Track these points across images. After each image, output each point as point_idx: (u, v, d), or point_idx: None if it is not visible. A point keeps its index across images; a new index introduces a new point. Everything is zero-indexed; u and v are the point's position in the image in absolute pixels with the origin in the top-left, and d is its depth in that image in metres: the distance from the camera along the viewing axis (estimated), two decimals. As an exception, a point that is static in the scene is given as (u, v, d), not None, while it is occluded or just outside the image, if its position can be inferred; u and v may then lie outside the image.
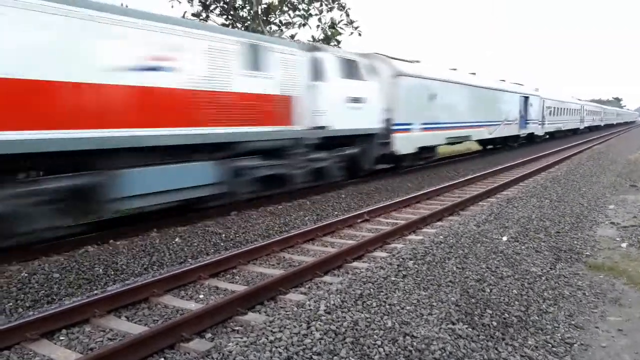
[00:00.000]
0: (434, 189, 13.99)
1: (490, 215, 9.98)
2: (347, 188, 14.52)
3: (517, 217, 10.00)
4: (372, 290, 5.85)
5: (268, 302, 5.92)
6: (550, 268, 7.50)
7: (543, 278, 7.06)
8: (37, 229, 7.42)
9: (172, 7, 22.37)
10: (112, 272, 7.37)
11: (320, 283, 6.52)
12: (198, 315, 5.18)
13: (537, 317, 5.88)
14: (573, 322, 5.86)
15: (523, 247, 8.22)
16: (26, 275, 7.00)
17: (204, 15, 22.39)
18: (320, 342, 4.61)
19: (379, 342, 4.73)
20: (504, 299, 6.13)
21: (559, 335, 5.54)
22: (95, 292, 6.54)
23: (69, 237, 8.58)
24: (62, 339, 5.09)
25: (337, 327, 4.88)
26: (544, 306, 6.21)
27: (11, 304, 6.25)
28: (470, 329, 5.23)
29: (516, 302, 6.13)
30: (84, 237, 8.62)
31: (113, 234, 8.94)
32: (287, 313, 5.15)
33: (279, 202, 12.03)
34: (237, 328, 5.23)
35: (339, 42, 24.54)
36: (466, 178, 16.28)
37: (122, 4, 16.20)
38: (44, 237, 7.78)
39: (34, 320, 5.14)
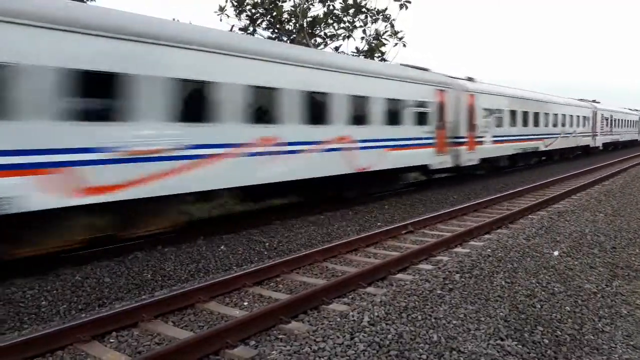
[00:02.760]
0: (481, 201, 13.64)
1: (541, 229, 9.63)
2: (390, 199, 14.38)
3: (569, 232, 9.60)
4: (417, 303, 5.74)
5: (311, 311, 5.90)
6: (606, 285, 7.15)
7: (598, 295, 6.74)
8: None
9: (221, 20, 22.89)
10: (160, 278, 7.56)
11: (363, 294, 6.46)
12: (242, 322, 5.22)
13: (592, 336, 5.60)
14: (632, 343, 5.56)
15: (576, 262, 7.88)
16: (79, 279, 7.28)
17: (251, 29, 22.89)
18: (364, 353, 4.55)
19: (424, 356, 4.63)
20: (556, 316, 5.88)
21: (616, 356, 5.26)
22: (144, 296, 6.71)
23: (118, 244, 8.88)
24: (112, 342, 5.24)
25: (381, 339, 4.81)
26: (599, 325, 5.91)
27: (65, 306, 6.50)
28: (520, 346, 5.04)
29: (569, 320, 5.86)
30: (133, 243, 8.87)
31: (161, 240, 9.17)
32: (331, 323, 5.12)
33: (321, 212, 12.03)
34: (280, 336, 5.23)
35: (382, 53, 24.52)
36: (515, 190, 15.80)
37: (173, 18, 16.76)
38: None
39: (86, 322, 5.32)
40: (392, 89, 13.97)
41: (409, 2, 23.05)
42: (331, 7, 23.46)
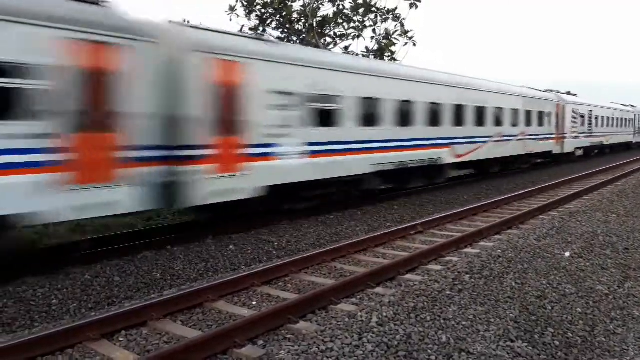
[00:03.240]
0: (492, 201, 13.54)
1: (552, 230, 9.53)
2: (400, 199, 14.33)
3: (580, 232, 9.50)
4: (426, 303, 5.70)
5: (319, 311, 5.89)
6: (618, 286, 7.06)
7: (610, 297, 6.66)
8: None
9: (231, 20, 22.94)
10: (169, 277, 7.58)
11: (372, 294, 6.42)
12: (251, 322, 5.22)
13: (603, 338, 5.54)
14: (644, 345, 5.48)
15: (587, 263, 7.79)
16: (89, 278, 7.32)
17: (260, 29, 22.91)
18: (372, 354, 4.53)
19: (433, 357, 4.60)
20: (567, 318, 5.81)
21: (628, 358, 5.21)
22: (153, 296, 6.74)
23: (128, 243, 8.94)
24: (121, 340, 5.26)
25: (389, 340, 4.78)
26: (611, 327, 5.85)
27: (75, 304, 6.54)
28: (530, 348, 4.99)
29: (580, 322, 5.80)
30: (142, 243, 8.91)
31: (170, 239, 9.21)
32: (339, 323, 5.10)
33: (330, 212, 12.02)
34: (288, 336, 5.22)
35: (392, 52, 24.44)
36: (526, 190, 15.67)
37: (185, 20, 16.85)
38: None
39: (96, 321, 5.35)
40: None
41: (419, 1, 22.96)
42: (341, 7, 23.43)
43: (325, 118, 11.62)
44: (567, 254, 8.06)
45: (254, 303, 6.34)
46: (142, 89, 8.02)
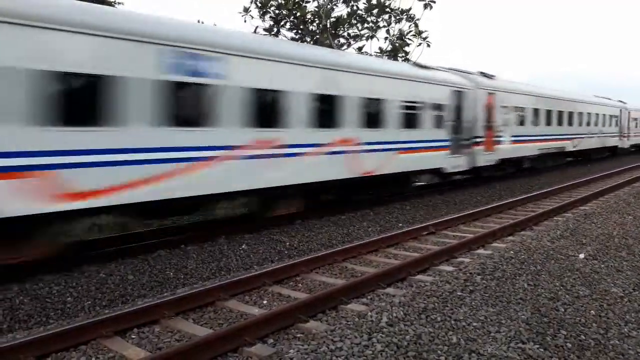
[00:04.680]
0: (506, 202, 13.44)
1: (566, 231, 9.43)
2: (412, 200, 14.27)
3: (595, 234, 9.38)
4: (436, 304, 5.69)
5: (329, 311, 5.91)
6: (634, 289, 6.95)
7: (625, 299, 6.56)
8: None
9: (245, 21, 23.07)
10: (182, 276, 7.66)
11: (382, 295, 6.43)
12: (261, 320, 5.26)
13: (617, 341, 5.46)
14: (659, 349, 5.39)
15: (602, 265, 7.69)
16: (103, 276, 7.43)
17: (275, 30, 23.01)
18: (381, 354, 4.53)
19: (442, 358, 4.58)
20: (580, 320, 5.74)
21: (642, 362, 5.12)
22: (166, 294, 6.81)
23: (142, 242, 9.04)
24: (134, 338, 5.34)
25: (399, 340, 4.78)
26: (625, 330, 5.75)
27: (90, 302, 6.64)
28: (541, 350, 4.94)
29: (594, 324, 5.72)
30: (157, 242, 9.01)
31: (184, 239, 9.29)
32: (349, 323, 5.11)
33: (342, 212, 12.02)
34: (298, 335, 5.25)
35: (406, 53, 24.37)
36: (541, 192, 15.51)
37: (199, 21, 17.00)
38: None
39: (109, 318, 5.43)
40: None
41: (434, 2, 22.87)
42: (355, 8, 23.43)
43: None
44: (582, 256, 7.97)
45: (265, 302, 6.38)
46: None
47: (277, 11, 22.79)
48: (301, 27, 23.29)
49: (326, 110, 11.09)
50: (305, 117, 10.65)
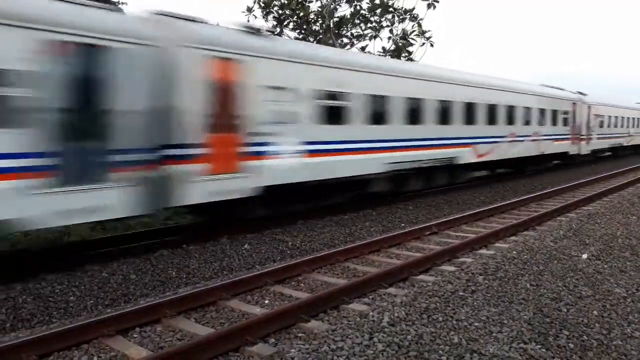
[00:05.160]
0: (509, 202, 13.41)
1: (569, 231, 9.40)
2: (415, 200, 14.26)
3: (599, 234, 9.35)
4: (438, 304, 5.68)
5: (331, 310, 5.90)
6: (637, 289, 6.92)
7: (628, 300, 6.53)
8: None
9: (248, 21, 23.11)
10: (184, 275, 7.67)
11: (384, 294, 6.42)
12: (262, 320, 5.26)
13: (620, 342, 5.43)
14: (662, 349, 5.36)
15: (605, 266, 7.66)
16: (106, 275, 7.45)
17: (278, 30, 23.02)
18: (382, 354, 4.53)
19: (444, 358, 4.58)
20: (582, 320, 5.73)
21: (645, 362, 5.09)
22: (168, 293, 6.82)
23: (145, 241, 9.06)
24: (136, 337, 5.35)
25: (400, 340, 4.77)
26: (628, 330, 5.73)
27: (92, 301, 6.66)
28: (543, 350, 4.93)
29: (597, 325, 5.70)
30: (159, 241, 9.03)
31: (186, 238, 9.31)
32: (350, 323, 5.11)
33: (345, 212, 12.02)
34: (300, 335, 5.25)
35: (410, 53, 24.34)
36: (544, 192, 15.47)
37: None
38: None
39: (111, 317, 5.44)
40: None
41: (437, 2, 22.84)
42: (358, 7, 23.42)
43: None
44: (585, 256, 7.94)
45: (267, 302, 6.38)
46: None
47: (280, 11, 22.81)
48: (304, 27, 23.30)
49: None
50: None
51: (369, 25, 24.10)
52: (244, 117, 9.24)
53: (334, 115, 11.11)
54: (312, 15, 23.18)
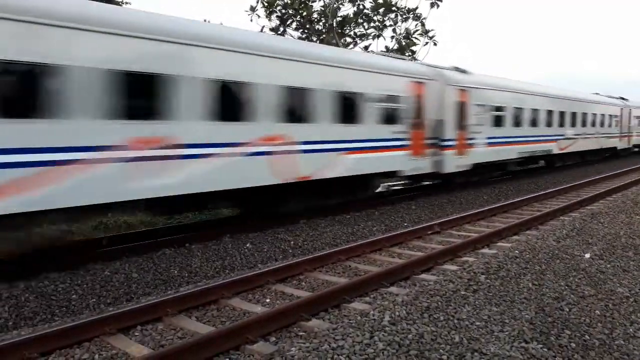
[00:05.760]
0: (512, 201, 13.37)
1: (572, 231, 9.37)
2: (418, 199, 14.25)
3: (602, 234, 9.31)
4: (439, 303, 5.67)
5: (332, 309, 5.90)
6: (640, 289, 6.90)
7: (631, 299, 6.51)
8: None
9: (252, 20, 23.13)
10: (187, 274, 7.69)
11: (385, 293, 6.41)
12: (263, 318, 5.26)
13: (622, 341, 5.42)
14: (665, 349, 5.34)
15: (608, 265, 7.63)
16: (109, 274, 7.47)
17: (281, 29, 23.03)
18: (383, 352, 4.52)
19: (445, 357, 4.57)
20: (584, 320, 5.71)
21: (647, 362, 5.07)
22: (169, 292, 6.83)
23: (147, 240, 9.08)
24: (137, 335, 5.36)
25: (401, 339, 4.77)
26: (631, 330, 5.71)
27: (94, 300, 6.69)
28: (545, 349, 4.92)
29: (599, 324, 5.69)
30: (162, 240, 9.05)
31: (189, 237, 9.32)
32: (351, 322, 5.11)
33: (347, 212, 12.01)
34: (300, 333, 5.25)
35: (413, 52, 24.31)
36: (547, 191, 15.42)
37: (205, 20, 17.04)
38: None
39: (113, 316, 5.45)
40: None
41: (440, 1, 22.81)
42: (361, 7, 23.42)
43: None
44: (587, 256, 7.91)
45: (268, 300, 6.38)
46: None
47: (283, 10, 22.83)
48: (307, 26, 23.31)
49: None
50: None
51: (372, 24, 24.11)
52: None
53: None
54: (315, 15, 23.20)
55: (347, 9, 23.99)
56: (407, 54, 23.76)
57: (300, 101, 10.46)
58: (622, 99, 32.04)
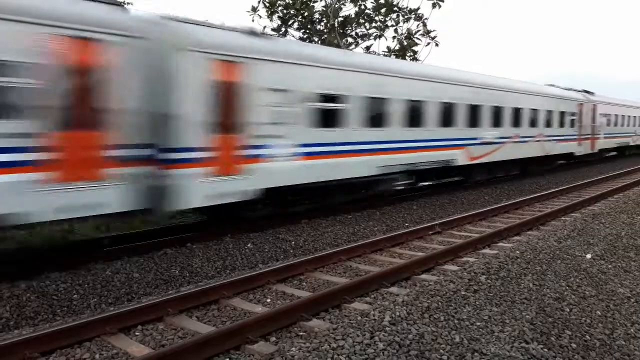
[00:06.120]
0: (513, 202, 13.36)
1: (573, 231, 9.36)
2: (420, 200, 14.23)
3: (603, 234, 9.30)
4: (440, 303, 5.67)
5: (332, 309, 5.91)
6: (641, 290, 6.89)
7: (632, 300, 6.51)
8: None
9: (253, 21, 23.14)
10: (188, 274, 7.69)
11: (386, 294, 6.41)
12: (263, 318, 5.27)
13: (623, 342, 5.42)
14: (666, 350, 5.33)
15: (610, 265, 7.62)
16: (110, 273, 7.48)
17: (282, 30, 23.03)
18: (383, 352, 4.52)
19: (445, 357, 4.57)
20: (585, 320, 5.70)
21: (648, 363, 5.07)
22: (170, 292, 6.84)
23: (149, 240, 9.08)
24: (137, 335, 5.37)
25: (401, 339, 4.77)
26: (632, 330, 5.71)
27: (95, 299, 6.70)
28: (545, 350, 4.91)
29: (599, 324, 5.68)
30: (163, 240, 9.06)
31: (190, 237, 9.33)
32: (351, 322, 5.11)
33: (349, 212, 12.01)
34: (301, 333, 5.26)
35: (415, 52, 24.30)
36: (549, 192, 15.40)
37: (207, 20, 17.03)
38: None
39: (113, 315, 5.47)
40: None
41: (442, 1, 22.78)
42: (362, 7, 23.40)
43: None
44: (589, 256, 7.90)
45: (269, 300, 6.39)
46: None
47: (284, 11, 22.83)
48: (309, 26, 23.30)
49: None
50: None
51: (373, 24, 24.08)
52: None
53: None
54: (316, 15, 23.18)
55: (349, 9, 24.00)
56: (408, 55, 23.77)
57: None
58: (587, 92, 26.21)
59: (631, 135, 32.31)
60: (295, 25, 23.43)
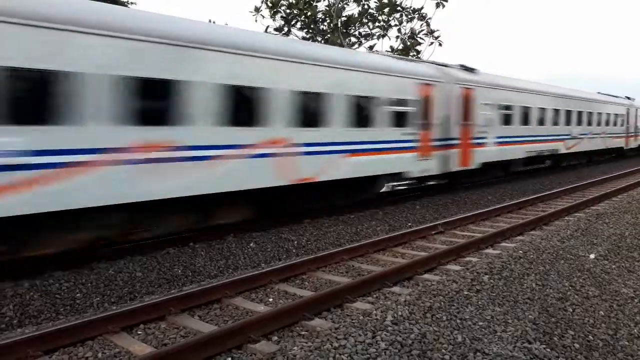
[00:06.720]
0: (516, 202, 13.33)
1: (577, 231, 9.33)
2: (422, 199, 14.22)
3: (607, 234, 9.27)
4: (442, 303, 5.66)
5: (334, 309, 5.90)
6: (645, 290, 6.86)
7: (636, 300, 6.49)
8: None
9: (256, 21, 23.21)
10: (190, 273, 7.71)
11: (388, 293, 6.41)
12: (265, 318, 5.27)
13: (627, 342, 5.40)
14: (669, 350, 5.31)
15: (613, 266, 7.60)
16: (113, 273, 7.50)
17: (285, 29, 23.06)
18: (385, 352, 4.52)
19: (447, 357, 4.56)
20: (588, 320, 5.69)
21: (651, 363, 5.05)
22: (173, 291, 6.86)
23: (152, 239, 9.10)
24: (140, 334, 5.38)
25: (403, 339, 4.76)
26: (635, 330, 5.69)
27: (98, 298, 6.71)
28: (548, 350, 4.90)
29: (603, 325, 5.67)
30: (166, 239, 9.07)
31: (193, 237, 9.34)
32: (353, 321, 5.11)
33: (351, 212, 12.01)
34: (303, 333, 5.26)
35: (418, 52, 24.28)
36: (552, 191, 15.36)
37: (210, 21, 17.09)
38: None
39: (116, 314, 5.48)
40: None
41: (446, 1, 22.76)
42: (366, 7, 23.41)
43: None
44: (592, 256, 7.88)
45: (271, 300, 6.39)
46: None
47: (287, 11, 22.85)
48: (312, 26, 23.32)
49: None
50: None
51: (377, 24, 24.09)
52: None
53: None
54: (319, 15, 23.19)
55: (352, 9, 24.03)
56: (411, 54, 23.75)
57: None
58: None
59: None
60: (299, 25, 23.47)
